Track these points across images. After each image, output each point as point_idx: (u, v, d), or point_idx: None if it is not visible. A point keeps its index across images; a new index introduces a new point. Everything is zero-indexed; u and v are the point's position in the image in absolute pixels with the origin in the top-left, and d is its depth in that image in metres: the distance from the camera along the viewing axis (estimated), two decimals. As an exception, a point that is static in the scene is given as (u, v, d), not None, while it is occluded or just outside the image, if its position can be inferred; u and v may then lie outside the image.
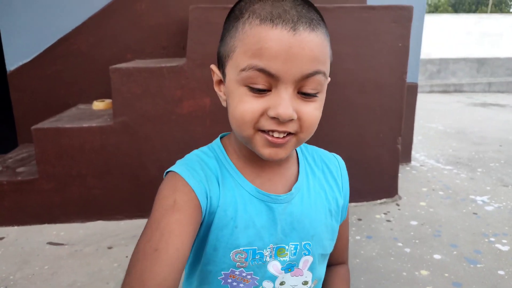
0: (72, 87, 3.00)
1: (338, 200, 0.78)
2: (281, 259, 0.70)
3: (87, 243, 2.14)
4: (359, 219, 2.32)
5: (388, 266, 1.83)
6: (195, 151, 0.73)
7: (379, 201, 2.54)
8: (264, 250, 0.67)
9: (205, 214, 0.65)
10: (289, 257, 0.70)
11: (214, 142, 0.75)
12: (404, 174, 3.07)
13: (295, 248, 0.70)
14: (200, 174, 0.66)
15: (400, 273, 1.77)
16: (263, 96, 0.59)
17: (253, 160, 0.70)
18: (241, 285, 0.69)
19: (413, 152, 3.65)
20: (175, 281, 0.57)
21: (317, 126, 0.66)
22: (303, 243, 0.71)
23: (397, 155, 2.49)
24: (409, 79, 3.13)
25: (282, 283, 0.70)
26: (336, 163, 0.83)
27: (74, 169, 2.32)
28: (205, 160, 0.70)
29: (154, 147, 2.35)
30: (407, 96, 3.07)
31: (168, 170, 0.68)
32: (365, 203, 2.52)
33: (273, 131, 0.60)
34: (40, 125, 2.33)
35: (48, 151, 2.29)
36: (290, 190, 0.71)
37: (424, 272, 1.78)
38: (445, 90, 9.26)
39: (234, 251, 0.66)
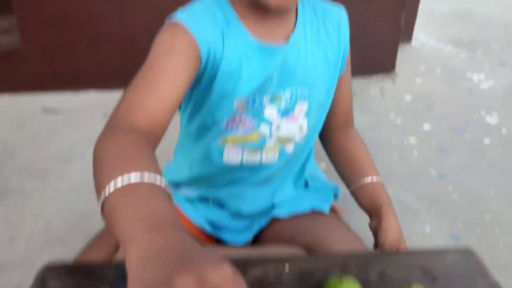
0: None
1: (338, 52, 0.79)
2: (277, 104, 0.73)
3: (81, 111, 2.19)
4: (354, 93, 2.35)
5: (379, 135, 1.93)
6: (198, 1, 0.70)
7: (375, 76, 2.55)
8: (265, 96, 0.71)
9: (205, 65, 0.65)
10: (285, 103, 0.74)
11: None
12: (404, 53, 3.04)
13: (291, 94, 0.74)
14: (205, 24, 0.65)
15: (389, 141, 1.87)
16: None
17: (256, 10, 0.68)
18: (240, 128, 0.73)
19: (415, 32, 3.57)
20: (165, 117, 0.58)
21: None
22: (298, 89, 0.75)
23: (398, 30, 2.45)
24: None
25: (278, 127, 0.75)
26: (338, 15, 0.81)
27: (62, 38, 2.27)
28: (210, 9, 0.68)
29: (143, 14, 2.27)
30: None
31: (169, 18, 0.65)
32: (361, 77, 2.54)
33: None
34: (19, -12, 2.20)
35: (30, 18, 2.22)
36: (288, 39, 0.71)
37: (412, 140, 1.87)
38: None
39: (237, 99, 0.69)
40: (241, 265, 0.56)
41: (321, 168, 0.94)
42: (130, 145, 0.49)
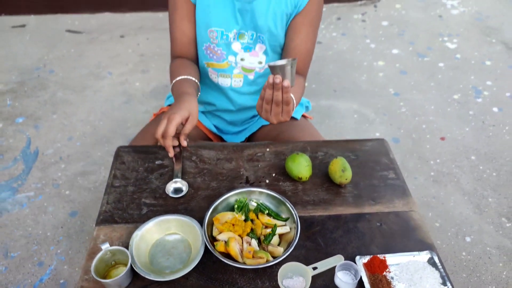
0: None
1: (296, 5, 1.02)
2: (242, 41, 1.05)
3: (101, 31, 2.50)
4: (338, 18, 2.66)
5: (354, 58, 2.29)
6: None
7: (359, 2, 2.83)
8: (229, 33, 1.03)
9: (194, 0, 1.01)
10: (247, 41, 1.05)
11: None
12: (390, -24, 3.25)
13: (252, 36, 1.05)
14: None
15: (361, 63, 2.25)
16: None
17: None
18: (214, 57, 1.07)
19: (405, -47, 3.69)
20: (188, 52, 1.06)
21: None
22: (258, 34, 1.05)
23: (382, -42, 2.65)
24: None
25: (242, 59, 1.07)
26: None
27: (77, -39, 2.49)
28: None
29: None
30: None
31: None
32: (346, 4, 2.82)
33: None
34: None
35: None
36: None
37: (380, 63, 2.25)
38: None
39: (209, 29, 1.03)
40: (239, 148, 1.00)
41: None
42: (178, 64, 1.03)
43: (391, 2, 2.88)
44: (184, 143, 0.90)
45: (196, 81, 0.98)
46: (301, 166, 0.90)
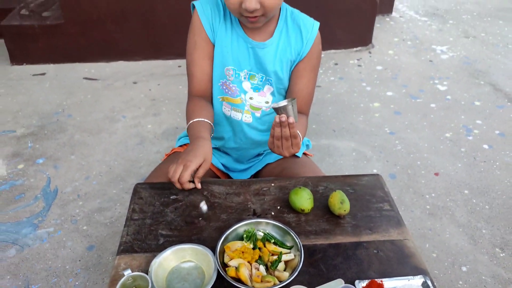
0: None
1: (299, 52, 1.14)
2: (252, 82, 1.15)
3: (115, 79, 2.64)
4: (336, 64, 2.80)
5: (351, 100, 2.40)
6: None
7: (355, 49, 2.99)
8: (241, 72, 1.12)
9: (214, 41, 1.10)
10: (257, 82, 1.15)
11: None
12: (383, 25, 3.44)
13: (261, 78, 1.15)
14: (209, 11, 1.09)
15: (358, 105, 2.36)
16: None
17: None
18: (229, 92, 1.16)
19: (396, 2, 3.91)
20: (206, 89, 1.14)
21: (279, 5, 1.01)
22: (266, 77, 1.15)
23: (375, 7, 2.84)
24: None
25: (251, 98, 1.17)
26: (310, 27, 1.14)
27: (95, 14, 2.67)
28: (217, 1, 1.11)
29: (163, -4, 2.65)
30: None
31: (194, 1, 1.11)
32: (343, 50, 2.97)
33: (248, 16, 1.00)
34: (59, -26, 2.58)
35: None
36: (267, 40, 1.11)
37: (376, 104, 2.36)
38: None
39: (226, 67, 1.13)
40: (247, 183, 1.07)
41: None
42: (195, 105, 1.10)
43: (384, 49, 3.04)
44: (199, 185, 1.00)
45: (211, 123, 1.06)
46: (303, 199, 0.97)
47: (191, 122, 1.05)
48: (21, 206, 1.67)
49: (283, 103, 0.91)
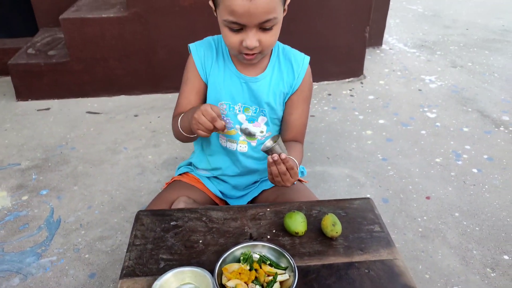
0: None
1: (292, 85, 1.21)
2: (247, 114, 1.21)
3: (117, 112, 2.72)
4: (329, 94, 2.89)
5: (344, 128, 2.47)
6: (210, 37, 1.22)
7: (347, 80, 3.09)
8: (235, 105, 1.19)
9: (206, 79, 1.18)
10: (251, 114, 1.21)
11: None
12: (373, 57, 3.56)
13: (255, 110, 1.21)
14: (202, 53, 1.17)
15: (351, 133, 2.42)
16: (239, 32, 0.99)
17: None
18: (227, 124, 1.22)
19: (386, 36, 4.06)
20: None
21: (276, 41, 1.09)
22: (260, 108, 1.21)
23: (364, 42, 2.96)
24: (386, -31, 3.39)
25: (246, 128, 1.22)
26: (301, 61, 1.21)
27: (98, 53, 2.78)
28: (211, 44, 1.19)
29: (162, 34, 2.77)
30: (383, -14, 3.38)
31: (190, 44, 1.19)
32: (335, 81, 3.07)
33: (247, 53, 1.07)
34: (65, 15, 2.71)
35: (75, 38, 2.72)
36: (259, 74, 1.18)
37: (368, 132, 2.43)
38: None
39: (219, 102, 1.19)
40: (243, 209, 1.12)
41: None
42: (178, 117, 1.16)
43: (375, 79, 3.14)
44: (222, 122, 1.00)
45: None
46: (297, 223, 1.01)
47: (180, 117, 1.13)
48: (25, 236, 1.70)
49: (270, 143, 0.99)
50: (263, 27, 0.98)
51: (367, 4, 2.83)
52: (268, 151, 0.98)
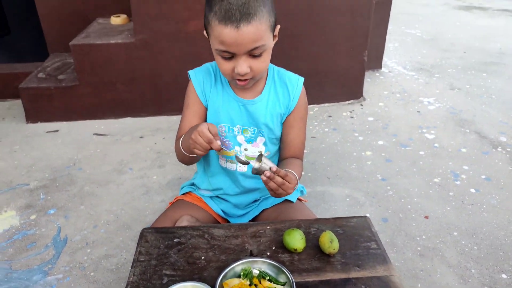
0: (88, 2, 3.37)
1: (288, 106, 1.26)
2: (245, 135, 1.26)
3: (123, 134, 2.78)
4: (330, 116, 2.95)
5: (344, 149, 2.51)
6: (208, 63, 1.28)
7: (347, 102, 3.15)
8: (234, 127, 1.23)
9: (206, 103, 1.23)
10: (250, 135, 1.26)
11: None
12: (373, 79, 3.63)
13: (254, 131, 1.26)
14: (201, 79, 1.23)
15: (351, 154, 2.46)
16: (231, 60, 1.03)
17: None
18: (223, 146, 1.23)
19: (385, 59, 4.14)
20: None
21: (267, 67, 1.13)
22: (258, 129, 1.26)
23: (363, 65, 3.03)
24: (384, -5, 3.50)
25: (245, 149, 1.27)
26: (295, 83, 1.26)
27: (106, 77, 2.86)
28: (209, 70, 1.25)
29: (168, 59, 2.86)
30: (381, 12, 3.49)
31: (189, 71, 1.25)
32: (336, 103, 3.13)
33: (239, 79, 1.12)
34: (75, 41, 2.81)
35: (85, 63, 2.81)
36: (256, 97, 1.23)
37: (368, 153, 2.46)
38: (436, -9, 9.19)
39: (219, 125, 1.24)
40: (244, 226, 1.15)
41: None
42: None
43: (375, 101, 3.20)
44: (219, 142, 1.04)
45: None
46: (296, 240, 1.04)
47: (182, 137, 1.18)
48: (32, 254, 1.73)
49: (257, 165, 1.03)
50: (252, 54, 1.02)
51: (365, 29, 2.91)
52: (259, 172, 1.03)
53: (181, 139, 1.18)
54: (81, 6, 3.37)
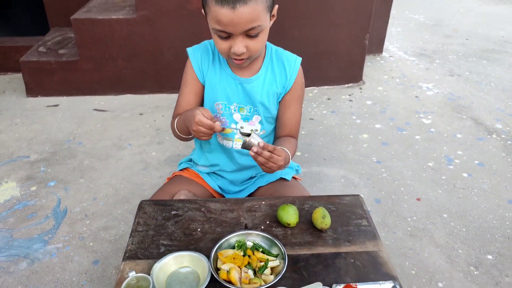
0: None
1: (284, 86, 1.27)
2: (241, 113, 1.27)
3: (123, 110, 2.79)
4: (329, 99, 2.96)
5: (341, 132, 2.54)
6: (207, 41, 1.28)
7: (346, 85, 3.15)
8: (231, 105, 1.25)
9: (203, 81, 1.24)
10: (246, 113, 1.27)
11: None
12: (374, 64, 3.62)
13: (250, 109, 1.27)
14: (199, 56, 1.24)
15: (348, 136, 2.49)
16: (227, 39, 1.04)
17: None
18: (221, 123, 1.28)
19: (387, 43, 4.12)
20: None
21: (263, 47, 1.15)
22: (254, 107, 1.27)
23: (364, 49, 3.02)
24: (387, -21, 3.47)
25: (241, 127, 1.29)
26: (293, 63, 1.26)
27: (107, 53, 2.86)
28: (207, 48, 1.26)
29: (169, 36, 2.85)
30: (384, -5, 3.46)
31: (187, 48, 1.26)
32: (335, 86, 3.13)
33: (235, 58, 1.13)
34: (76, 15, 2.79)
35: (86, 38, 2.80)
36: (253, 76, 1.24)
37: (364, 135, 2.49)
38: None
39: (215, 102, 1.26)
40: (240, 201, 1.18)
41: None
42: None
43: (374, 85, 3.20)
44: (219, 124, 1.07)
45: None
46: (289, 214, 1.08)
47: (179, 115, 1.20)
48: (33, 224, 1.77)
49: (246, 139, 1.06)
50: (249, 34, 1.03)
51: (367, 13, 2.90)
52: (247, 147, 1.05)
53: (175, 122, 1.20)
54: (83, -20, 3.33)
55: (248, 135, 1.07)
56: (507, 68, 3.64)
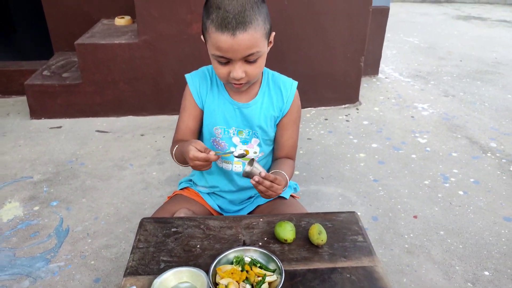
0: (93, 3, 3.44)
1: (281, 109, 1.31)
2: (240, 136, 1.31)
3: (124, 131, 2.84)
4: (326, 119, 3.01)
5: (339, 151, 2.57)
6: (205, 67, 1.32)
7: (343, 106, 3.21)
8: (230, 129, 1.28)
9: (202, 106, 1.28)
10: (245, 136, 1.30)
11: None
12: (370, 85, 3.69)
13: (249, 133, 1.30)
14: (197, 83, 1.27)
15: (345, 155, 2.52)
16: (227, 64, 1.06)
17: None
18: (219, 147, 1.32)
19: (382, 65, 4.21)
20: (190, 136, 1.29)
21: (262, 72, 1.19)
22: (253, 131, 1.30)
23: (360, 71, 3.10)
24: (381, 2, 3.57)
25: (240, 150, 1.31)
26: (289, 87, 1.30)
27: (110, 76, 2.92)
28: (205, 74, 1.30)
29: (170, 60, 2.92)
30: (378, 18, 3.56)
31: (186, 74, 1.30)
32: (332, 107, 3.19)
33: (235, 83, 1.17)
34: (80, 40, 2.87)
35: (89, 62, 2.87)
36: (251, 101, 1.28)
37: (361, 155, 2.53)
38: (437, 0, 9.29)
39: (214, 127, 1.29)
40: (239, 218, 1.21)
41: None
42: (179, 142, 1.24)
43: (370, 106, 3.26)
44: (213, 153, 1.09)
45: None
46: (286, 231, 1.10)
47: (176, 147, 1.23)
48: (35, 243, 1.78)
49: (248, 168, 1.10)
50: (248, 60, 1.05)
51: (362, 36, 2.98)
52: (249, 176, 1.09)
53: (174, 153, 1.24)
54: (86, 7, 3.44)
55: (242, 156, 1.11)
56: (500, 88, 3.70)
